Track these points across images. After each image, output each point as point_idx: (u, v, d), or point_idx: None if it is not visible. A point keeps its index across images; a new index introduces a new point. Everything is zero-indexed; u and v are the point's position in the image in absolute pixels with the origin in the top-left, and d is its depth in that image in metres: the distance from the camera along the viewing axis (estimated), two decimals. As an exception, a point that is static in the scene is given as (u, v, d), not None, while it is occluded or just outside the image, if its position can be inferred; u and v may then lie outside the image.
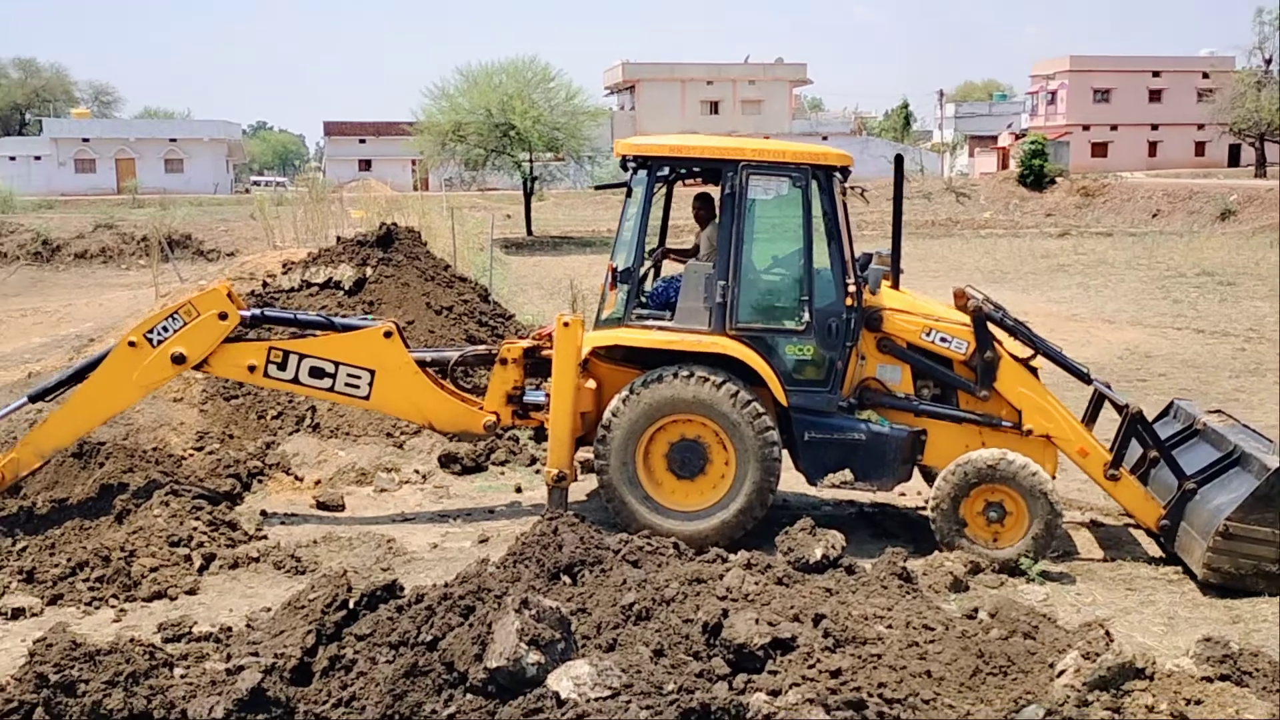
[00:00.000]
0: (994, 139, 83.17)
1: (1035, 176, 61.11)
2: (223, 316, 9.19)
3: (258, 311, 9.84)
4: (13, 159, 73.62)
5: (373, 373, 9.31)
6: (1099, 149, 76.23)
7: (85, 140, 75.86)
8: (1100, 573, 8.41)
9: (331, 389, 9.39)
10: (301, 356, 9.31)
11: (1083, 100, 77.67)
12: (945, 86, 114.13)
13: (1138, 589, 8.06)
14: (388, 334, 9.37)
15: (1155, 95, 77.78)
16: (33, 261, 33.66)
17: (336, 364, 9.30)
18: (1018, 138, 73.77)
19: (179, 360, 9.10)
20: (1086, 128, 76.88)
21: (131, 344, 9.07)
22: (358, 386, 9.34)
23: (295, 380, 9.36)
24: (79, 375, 9.28)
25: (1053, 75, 79.83)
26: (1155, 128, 77.51)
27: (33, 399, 9.39)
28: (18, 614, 7.38)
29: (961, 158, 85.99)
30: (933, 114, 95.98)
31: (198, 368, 9.37)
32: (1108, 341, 19.26)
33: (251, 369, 9.31)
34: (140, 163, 75.10)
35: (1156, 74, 77.79)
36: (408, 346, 9.56)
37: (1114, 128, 77.20)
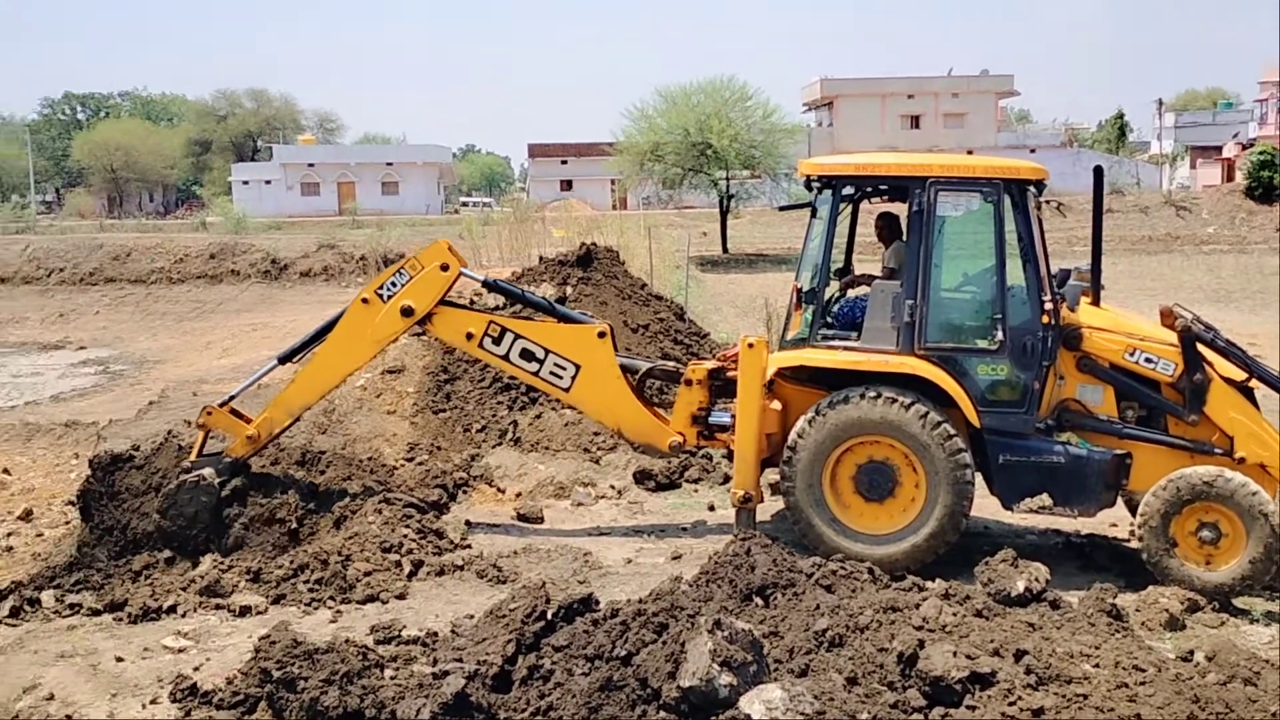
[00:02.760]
0: (1218, 150, 78.11)
1: (1264, 189, 56.84)
2: (444, 268, 9.55)
3: (491, 279, 10.34)
4: (246, 183, 79.23)
5: (579, 367, 9.53)
6: (1335, 158, 70.58)
7: (310, 165, 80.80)
8: (1335, 616, 7.81)
9: (537, 374, 9.65)
10: (517, 336, 9.60)
11: (1318, 107, 72.21)
12: (1165, 95, 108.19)
13: (1378, 635, 7.44)
14: (602, 334, 9.60)
15: (1402, 99, 71.60)
16: (263, 279, 35.93)
17: (547, 351, 9.56)
18: (1244, 148, 69.07)
19: (408, 313, 9.50)
20: (1321, 136, 71.36)
21: (364, 301, 9.54)
22: (561, 377, 9.58)
23: (506, 357, 9.65)
24: (320, 335, 9.79)
25: (1284, 81, 74.54)
26: (1401, 133, 71.24)
27: (281, 360, 9.92)
28: (245, 611, 7.90)
29: (1182, 170, 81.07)
30: (1150, 124, 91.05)
31: (422, 324, 9.73)
32: (1346, 366, 17.79)
33: (469, 336, 9.67)
34: (359, 186, 79.27)
35: (1403, 76, 71.58)
36: (617, 352, 9.76)
37: (1353, 135, 71.35)
